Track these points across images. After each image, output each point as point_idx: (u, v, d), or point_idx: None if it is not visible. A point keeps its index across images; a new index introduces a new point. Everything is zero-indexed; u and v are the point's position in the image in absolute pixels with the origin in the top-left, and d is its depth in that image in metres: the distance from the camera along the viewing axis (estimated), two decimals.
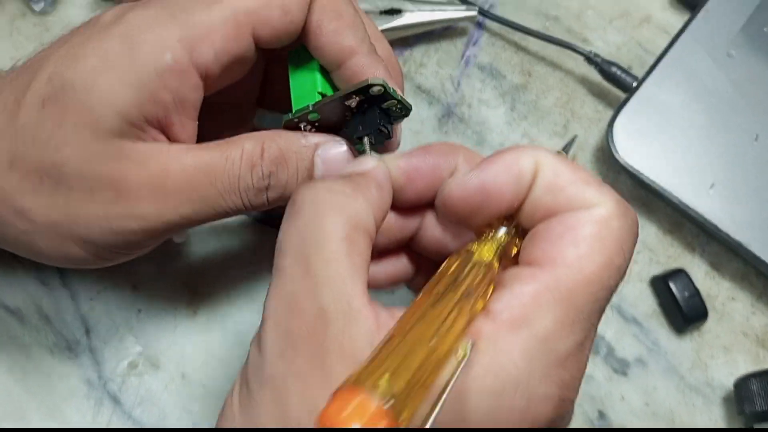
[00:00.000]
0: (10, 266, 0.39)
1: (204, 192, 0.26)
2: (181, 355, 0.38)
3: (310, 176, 0.28)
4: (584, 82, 0.45)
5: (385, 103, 0.28)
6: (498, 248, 0.24)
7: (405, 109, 0.29)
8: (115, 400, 0.37)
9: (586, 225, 0.21)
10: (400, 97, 0.28)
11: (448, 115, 0.44)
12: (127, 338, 0.38)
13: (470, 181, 0.23)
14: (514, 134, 0.44)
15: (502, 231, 0.24)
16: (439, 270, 0.23)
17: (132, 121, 0.25)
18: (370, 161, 0.26)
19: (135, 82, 0.25)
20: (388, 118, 0.29)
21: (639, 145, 0.41)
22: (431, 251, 0.28)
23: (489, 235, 0.24)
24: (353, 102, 0.28)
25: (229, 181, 0.26)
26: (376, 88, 0.27)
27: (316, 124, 0.29)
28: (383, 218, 0.24)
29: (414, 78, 0.45)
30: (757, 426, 0.36)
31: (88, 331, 0.38)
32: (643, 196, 0.43)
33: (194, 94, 0.26)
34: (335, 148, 0.28)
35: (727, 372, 0.39)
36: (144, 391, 0.38)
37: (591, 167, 0.44)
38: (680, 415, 0.38)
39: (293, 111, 0.29)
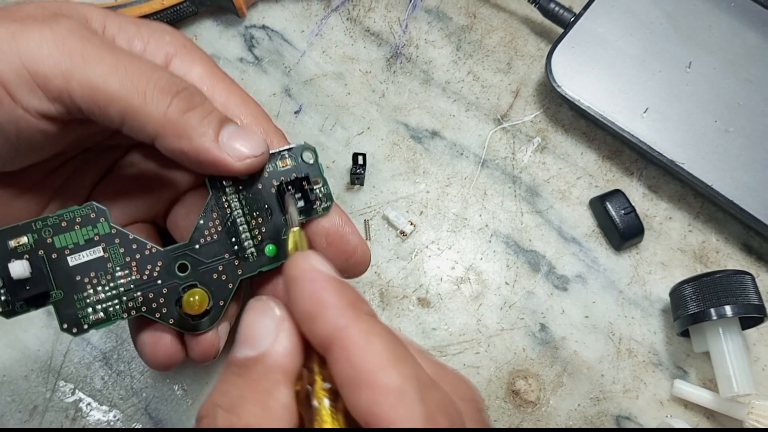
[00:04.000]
0: None
1: None
2: None
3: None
4: (527, 21, 0.47)
5: (311, 184, 0.29)
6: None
7: (327, 197, 0.29)
8: None
9: None
10: (324, 179, 0.29)
11: (396, 56, 0.46)
12: None
13: None
14: (460, 72, 0.46)
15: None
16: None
17: None
18: (269, 321, 0.23)
19: None
20: (309, 203, 0.29)
21: (576, 75, 0.43)
22: None
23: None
24: (284, 162, 0.29)
25: None
26: (308, 155, 0.29)
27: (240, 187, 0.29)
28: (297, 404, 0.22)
29: (363, 21, 0.47)
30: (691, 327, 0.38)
31: None
32: (583, 126, 0.45)
33: None
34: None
35: (666, 286, 0.40)
36: None
37: (534, 101, 0.45)
38: (619, 327, 0.40)
39: None
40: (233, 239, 0.28)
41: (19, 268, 0.25)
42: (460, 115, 0.45)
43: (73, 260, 0.27)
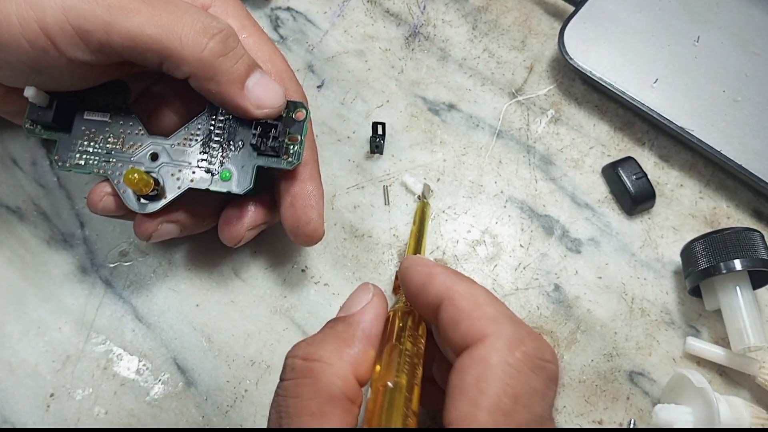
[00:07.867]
0: (11, 171, 0.43)
1: None
2: (168, 244, 0.41)
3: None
4: (540, 2, 0.49)
5: (289, 139, 0.33)
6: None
7: (296, 156, 0.33)
8: (107, 284, 0.40)
9: (470, 370, 0.23)
10: (300, 141, 0.33)
11: (414, 34, 0.48)
12: (118, 230, 0.42)
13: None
14: (476, 49, 0.48)
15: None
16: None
17: None
18: (364, 296, 0.28)
19: None
20: (275, 152, 0.33)
21: (588, 48, 0.44)
22: None
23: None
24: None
25: None
26: (300, 113, 0.33)
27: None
28: (371, 365, 0.26)
29: (382, 3, 0.49)
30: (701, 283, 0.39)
31: (82, 225, 0.42)
32: (596, 99, 0.46)
33: None
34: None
35: (677, 249, 0.41)
36: (133, 275, 0.41)
37: (548, 76, 0.47)
38: (632, 287, 0.41)
39: None
40: (203, 154, 0.33)
41: (31, 93, 0.31)
42: (476, 89, 0.46)
43: (87, 115, 0.34)
